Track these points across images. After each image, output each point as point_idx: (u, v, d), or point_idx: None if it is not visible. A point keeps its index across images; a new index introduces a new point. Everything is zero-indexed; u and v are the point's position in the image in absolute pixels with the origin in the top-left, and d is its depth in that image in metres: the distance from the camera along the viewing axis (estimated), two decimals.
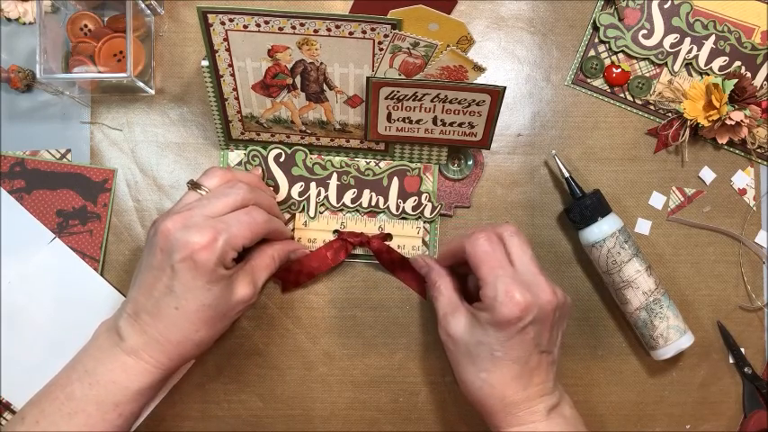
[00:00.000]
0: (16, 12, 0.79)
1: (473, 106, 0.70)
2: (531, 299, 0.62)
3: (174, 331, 0.65)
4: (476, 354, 0.65)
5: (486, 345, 0.64)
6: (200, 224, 0.63)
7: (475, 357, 0.65)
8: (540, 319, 0.63)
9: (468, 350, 0.66)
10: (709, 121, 0.78)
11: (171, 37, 0.80)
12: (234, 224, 0.64)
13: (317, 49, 0.68)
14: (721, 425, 0.81)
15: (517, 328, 0.62)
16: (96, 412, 0.64)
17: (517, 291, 0.62)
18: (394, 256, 0.78)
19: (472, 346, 0.65)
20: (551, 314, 0.64)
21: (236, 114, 0.75)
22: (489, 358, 0.64)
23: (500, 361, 0.64)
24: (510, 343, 0.63)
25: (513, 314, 0.61)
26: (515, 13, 0.82)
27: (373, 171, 0.79)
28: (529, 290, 0.63)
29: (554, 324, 0.65)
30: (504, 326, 0.62)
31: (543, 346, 0.65)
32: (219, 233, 0.63)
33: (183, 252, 0.62)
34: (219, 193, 0.67)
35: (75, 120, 0.80)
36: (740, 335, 0.81)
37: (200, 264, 0.62)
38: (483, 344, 0.64)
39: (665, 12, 0.80)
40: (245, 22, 0.66)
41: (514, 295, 0.62)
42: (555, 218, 0.81)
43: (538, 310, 0.62)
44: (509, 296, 0.62)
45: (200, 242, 0.62)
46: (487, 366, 0.64)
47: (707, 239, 0.82)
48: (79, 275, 0.78)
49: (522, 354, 0.64)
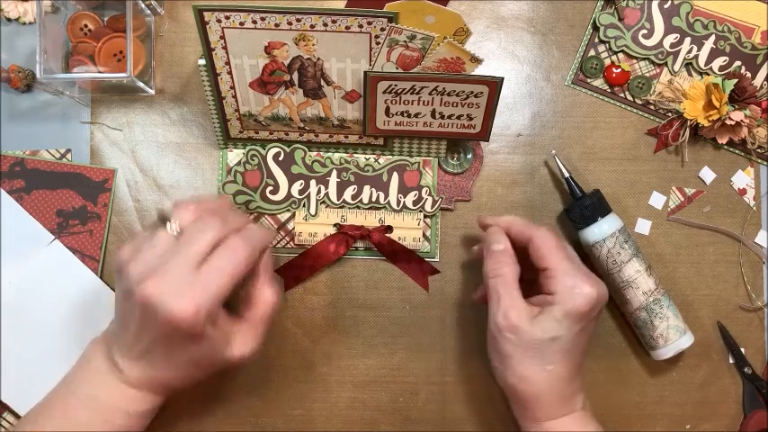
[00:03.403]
0: (16, 12, 0.76)
1: (471, 98, 0.68)
2: (601, 293, 0.63)
3: (171, 374, 0.61)
4: (546, 348, 0.63)
5: (559, 338, 0.62)
6: (182, 288, 0.55)
7: (544, 351, 0.63)
8: (598, 313, 0.64)
9: (535, 344, 0.63)
10: (709, 121, 0.76)
11: (171, 37, 0.78)
12: (215, 278, 0.56)
13: (314, 45, 0.65)
14: (721, 425, 0.79)
15: (590, 318, 0.63)
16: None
17: (588, 283, 0.62)
18: (396, 248, 0.76)
19: (543, 342, 0.62)
20: (601, 309, 0.65)
21: (235, 113, 0.72)
22: (560, 351, 0.63)
23: (569, 353, 0.63)
24: (582, 334, 0.63)
25: (588, 305, 0.62)
26: (515, 13, 0.79)
27: (373, 167, 0.77)
28: (596, 283, 0.63)
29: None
30: (579, 318, 0.62)
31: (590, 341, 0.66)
32: (203, 296, 0.55)
33: (167, 322, 0.55)
34: (194, 235, 0.58)
35: (75, 120, 0.77)
36: (740, 335, 0.79)
37: (185, 330, 0.56)
38: (556, 338, 0.62)
39: (665, 12, 0.78)
40: (242, 19, 0.64)
41: (587, 286, 0.62)
42: (555, 218, 0.79)
43: (602, 303, 0.63)
44: (583, 288, 0.62)
45: (185, 311, 0.55)
46: (556, 359, 0.63)
47: (707, 239, 0.79)
48: (78, 277, 0.75)
49: (583, 347, 0.64)
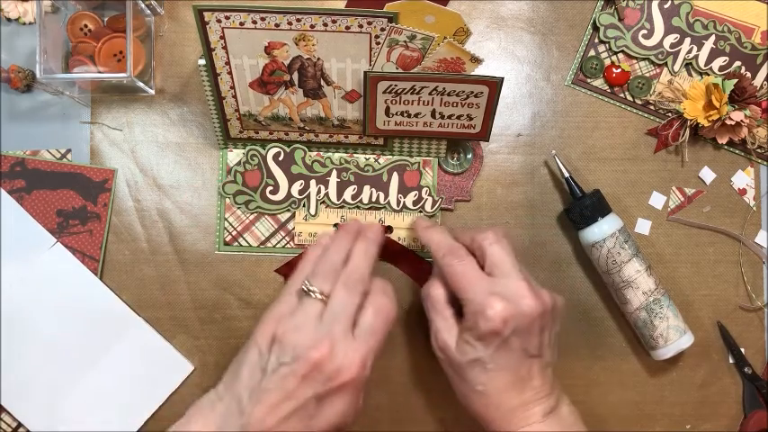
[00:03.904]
0: (16, 12, 0.76)
1: (471, 98, 0.68)
2: (511, 309, 0.61)
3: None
4: (469, 369, 0.64)
5: (479, 360, 0.62)
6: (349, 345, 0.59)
7: (469, 373, 0.64)
8: (523, 327, 0.61)
9: (460, 366, 0.64)
10: (709, 121, 0.75)
11: (171, 37, 0.77)
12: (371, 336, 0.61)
13: (314, 45, 0.65)
14: (721, 425, 0.79)
15: (501, 338, 0.61)
16: None
17: (495, 303, 0.61)
18: (395, 248, 0.76)
19: (465, 364, 0.64)
20: (536, 320, 0.62)
21: (235, 113, 0.72)
22: (483, 372, 0.63)
23: (492, 373, 0.62)
24: (498, 354, 0.62)
25: (494, 327, 0.60)
26: (515, 13, 0.79)
27: (373, 167, 0.76)
28: (507, 300, 0.61)
29: (543, 328, 0.63)
30: (488, 340, 0.61)
31: (532, 351, 0.63)
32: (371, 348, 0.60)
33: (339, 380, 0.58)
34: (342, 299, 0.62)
35: (75, 120, 0.76)
36: (740, 335, 0.79)
37: (354, 386, 0.59)
38: (475, 360, 0.63)
39: (665, 12, 0.77)
40: (242, 19, 0.63)
41: (493, 308, 0.61)
42: (555, 218, 0.78)
43: (519, 318, 0.61)
44: (487, 310, 0.61)
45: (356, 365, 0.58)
46: (482, 380, 0.63)
47: (707, 239, 0.79)
48: (79, 280, 0.74)
49: (511, 363, 0.62)
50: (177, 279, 0.75)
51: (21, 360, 0.73)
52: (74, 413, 0.73)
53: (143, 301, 0.75)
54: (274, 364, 0.59)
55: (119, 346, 0.74)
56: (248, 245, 0.75)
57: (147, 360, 0.74)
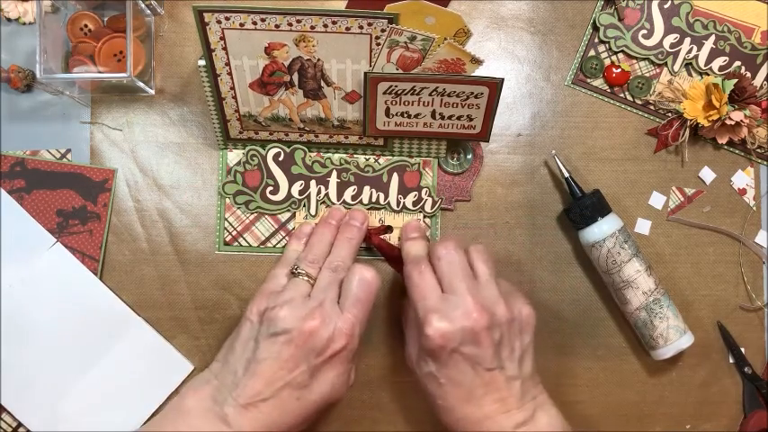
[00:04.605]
0: (16, 12, 0.75)
1: (471, 99, 0.67)
2: (448, 325, 0.61)
3: (288, 418, 0.63)
4: (428, 383, 0.65)
5: (432, 373, 0.64)
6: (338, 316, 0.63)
7: (428, 386, 0.65)
8: (470, 340, 0.61)
9: (422, 381, 0.66)
10: (709, 121, 0.75)
11: (171, 37, 0.76)
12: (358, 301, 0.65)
13: (314, 46, 0.64)
14: (721, 425, 0.79)
15: (446, 353, 0.61)
16: None
17: (433, 320, 0.61)
18: (395, 253, 0.75)
19: (423, 377, 0.65)
20: (482, 333, 0.61)
21: (235, 113, 0.71)
22: (438, 386, 0.64)
23: (446, 387, 0.63)
24: (447, 369, 0.62)
25: (433, 344, 0.61)
26: (515, 13, 0.78)
27: (373, 167, 0.76)
28: (446, 317, 0.61)
29: (499, 341, 0.62)
30: (433, 355, 0.62)
31: (488, 364, 0.62)
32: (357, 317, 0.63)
33: (331, 348, 0.62)
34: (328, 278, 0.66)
35: (75, 120, 0.76)
36: (740, 335, 0.78)
37: (344, 355, 0.63)
38: (428, 374, 0.64)
39: (665, 12, 0.77)
40: (242, 20, 0.63)
41: (430, 325, 0.61)
42: (555, 218, 0.78)
43: (461, 333, 0.61)
44: (425, 327, 0.61)
45: (345, 333, 0.62)
46: (439, 393, 0.64)
47: (707, 239, 0.79)
48: (79, 280, 0.74)
49: (460, 376, 0.62)
50: (177, 279, 0.75)
51: (21, 360, 0.72)
52: (74, 413, 0.72)
53: (143, 301, 0.75)
54: (265, 333, 0.62)
55: (119, 346, 0.73)
56: (248, 245, 0.75)
57: (148, 360, 0.74)
